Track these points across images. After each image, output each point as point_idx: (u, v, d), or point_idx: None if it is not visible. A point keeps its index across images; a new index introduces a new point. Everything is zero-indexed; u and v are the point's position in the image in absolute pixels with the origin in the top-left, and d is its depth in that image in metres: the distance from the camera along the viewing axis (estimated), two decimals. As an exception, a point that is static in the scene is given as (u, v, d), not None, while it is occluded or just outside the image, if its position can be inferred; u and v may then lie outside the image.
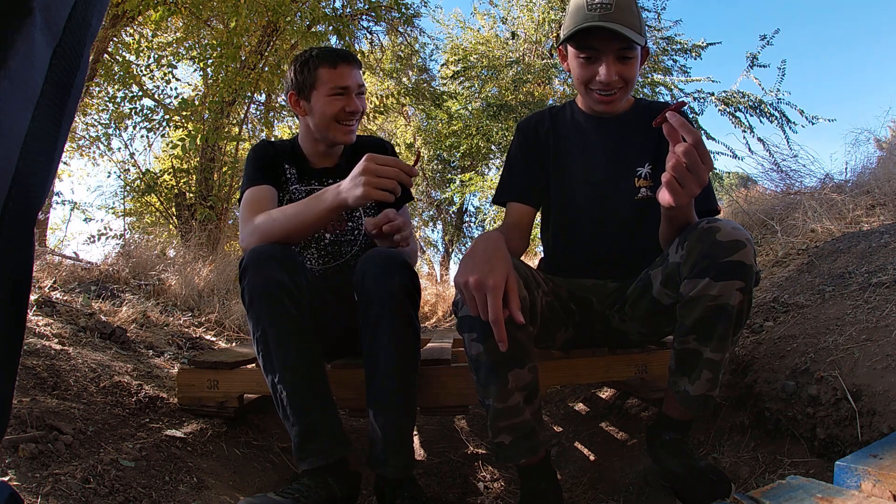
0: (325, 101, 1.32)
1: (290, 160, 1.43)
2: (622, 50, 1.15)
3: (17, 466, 0.93)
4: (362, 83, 1.37)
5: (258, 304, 1.08)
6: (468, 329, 0.98)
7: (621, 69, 1.16)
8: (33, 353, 1.47)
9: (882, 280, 1.36)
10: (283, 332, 1.09)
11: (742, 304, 0.95)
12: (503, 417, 1.01)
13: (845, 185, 2.94)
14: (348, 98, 1.32)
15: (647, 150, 1.24)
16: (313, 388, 1.12)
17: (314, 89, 1.33)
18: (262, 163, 1.37)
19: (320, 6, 5.34)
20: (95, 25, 0.54)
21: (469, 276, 0.88)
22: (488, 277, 0.87)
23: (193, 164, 5.40)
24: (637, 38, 1.13)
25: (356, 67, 1.36)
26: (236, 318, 2.99)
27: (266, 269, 1.08)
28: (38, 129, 0.49)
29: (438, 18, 8.89)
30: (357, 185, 1.04)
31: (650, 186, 1.23)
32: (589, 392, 2.04)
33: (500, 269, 0.88)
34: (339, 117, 1.33)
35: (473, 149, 7.86)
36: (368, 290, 1.15)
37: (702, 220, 1.00)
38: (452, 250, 10.81)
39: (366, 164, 1.04)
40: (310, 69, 1.33)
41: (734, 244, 0.93)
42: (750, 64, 6.25)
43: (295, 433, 1.10)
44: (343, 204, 1.08)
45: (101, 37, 5.28)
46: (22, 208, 0.49)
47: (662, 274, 1.06)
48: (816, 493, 0.79)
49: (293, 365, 1.09)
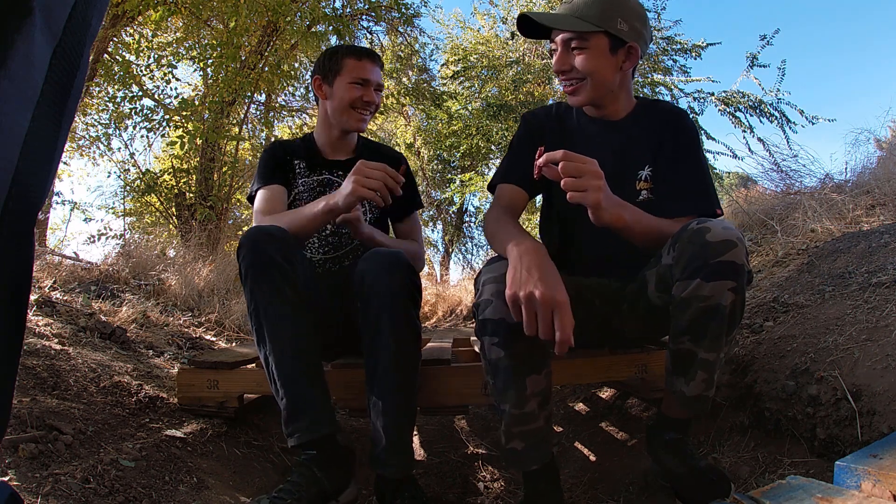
0: (346, 88, 1.42)
1: (300, 155, 1.51)
2: (570, 40, 1.15)
3: (17, 466, 0.93)
4: (381, 82, 1.48)
5: (252, 278, 1.11)
6: (491, 333, 0.97)
7: (575, 60, 1.16)
8: (33, 353, 1.47)
9: (882, 280, 1.36)
10: (274, 306, 1.11)
11: (734, 304, 0.94)
12: (518, 423, 1.01)
13: (845, 185, 2.94)
14: (366, 89, 1.43)
15: (648, 152, 1.24)
16: (302, 362, 1.13)
17: (338, 75, 1.43)
18: (273, 162, 1.47)
19: (320, 6, 5.33)
20: (95, 25, 0.54)
21: (532, 289, 0.86)
22: (556, 293, 0.86)
23: (193, 164, 5.40)
24: (573, 26, 1.13)
25: (378, 66, 1.47)
26: (236, 318, 2.99)
27: (260, 246, 1.11)
28: (38, 129, 0.49)
29: (438, 18, 8.89)
30: (347, 185, 1.15)
31: (650, 188, 1.23)
32: (589, 392, 2.04)
33: (562, 286, 0.87)
34: (356, 104, 1.44)
35: (473, 149, 7.86)
36: (369, 289, 1.15)
37: (692, 220, 1.00)
38: (452, 250, 10.81)
39: (356, 167, 1.15)
40: (337, 58, 1.44)
41: (725, 244, 0.92)
42: (750, 64, 6.24)
43: (283, 406, 1.12)
44: (335, 206, 1.18)
45: (101, 37, 5.28)
46: (22, 208, 0.49)
47: (656, 275, 1.06)
48: (816, 493, 0.79)
49: (283, 338, 1.11)
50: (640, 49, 1.18)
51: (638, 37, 1.17)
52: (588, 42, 1.14)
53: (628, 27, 1.15)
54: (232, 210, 5.61)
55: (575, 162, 0.94)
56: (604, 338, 1.29)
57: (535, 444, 1.02)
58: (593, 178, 0.94)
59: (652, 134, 1.24)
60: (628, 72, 1.21)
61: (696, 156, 1.20)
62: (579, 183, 0.93)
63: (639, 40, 1.18)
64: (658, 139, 1.23)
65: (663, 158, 1.22)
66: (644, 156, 1.24)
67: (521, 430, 1.01)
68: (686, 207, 1.16)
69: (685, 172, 1.19)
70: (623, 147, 1.24)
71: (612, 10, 1.14)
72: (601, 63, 1.16)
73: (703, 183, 1.18)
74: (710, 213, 1.17)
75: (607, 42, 1.15)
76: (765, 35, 6.14)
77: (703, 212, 1.16)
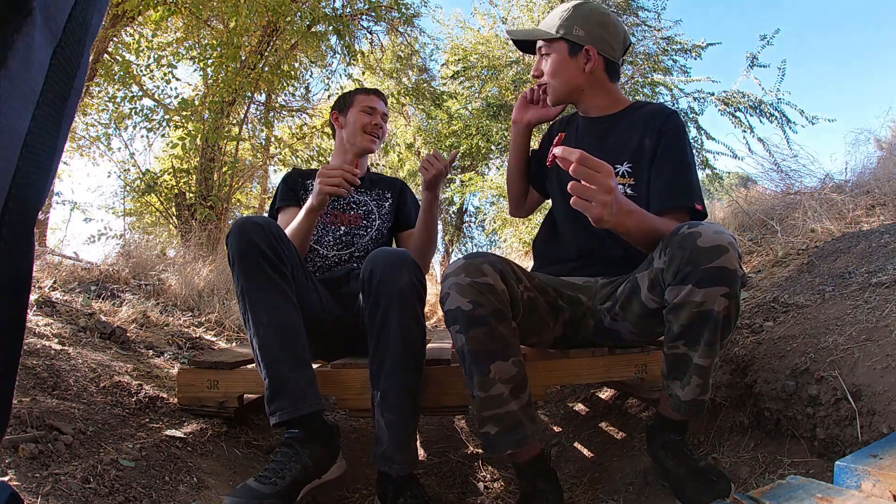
0: (358, 115, 1.69)
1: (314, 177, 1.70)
2: (541, 48, 1.34)
3: (17, 466, 0.93)
4: (387, 113, 1.76)
5: (238, 264, 1.18)
6: (452, 321, 1.02)
7: (543, 65, 1.33)
8: (33, 353, 1.47)
9: (882, 280, 1.36)
10: (257, 290, 1.17)
11: (728, 310, 0.94)
12: (487, 407, 1.04)
13: (845, 185, 2.94)
14: (374, 116, 1.70)
15: (628, 148, 1.27)
16: (285, 345, 1.17)
17: (351, 107, 1.71)
18: (288, 187, 1.69)
19: (320, 6, 5.33)
20: (95, 25, 0.54)
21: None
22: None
23: (193, 164, 5.40)
24: (534, 35, 1.33)
25: (383, 101, 1.75)
26: (236, 317, 2.99)
27: (247, 234, 1.18)
28: (38, 129, 0.49)
29: (438, 18, 8.87)
30: (315, 186, 1.36)
31: (630, 184, 1.24)
32: (589, 392, 2.04)
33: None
34: (366, 128, 1.68)
35: (473, 149, 7.85)
36: (377, 287, 1.17)
37: (683, 224, 0.99)
38: (452, 250, 10.81)
39: (319, 171, 1.37)
40: (350, 94, 1.75)
41: (716, 249, 0.92)
42: (750, 64, 6.23)
43: (266, 386, 1.16)
44: (312, 206, 1.39)
45: (101, 37, 5.28)
46: (22, 208, 0.49)
47: (648, 279, 1.06)
48: (816, 493, 0.79)
49: (266, 321, 1.16)
50: (596, 49, 1.28)
51: (595, 39, 1.28)
52: (551, 48, 1.31)
53: (584, 32, 1.28)
54: (232, 210, 5.60)
55: (588, 168, 0.93)
56: (598, 337, 1.28)
57: (507, 430, 1.04)
58: (601, 193, 0.93)
59: (633, 131, 1.28)
60: (601, 72, 1.31)
61: (678, 152, 1.21)
62: (587, 191, 0.94)
63: (596, 42, 1.28)
64: (639, 136, 1.26)
65: (644, 155, 1.24)
66: (623, 151, 1.27)
67: (491, 415, 1.04)
68: (666, 203, 1.17)
69: (667, 168, 1.20)
70: (602, 141, 1.30)
71: (570, 19, 1.28)
72: (561, 66, 1.31)
73: (685, 178, 1.19)
74: (690, 207, 1.17)
75: (565, 47, 1.29)
76: (765, 35, 6.12)
77: (683, 206, 1.17)
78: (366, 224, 1.67)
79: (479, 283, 1.01)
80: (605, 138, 1.31)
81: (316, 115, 7.29)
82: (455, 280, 1.02)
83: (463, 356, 1.04)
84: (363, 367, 1.31)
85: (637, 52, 6.78)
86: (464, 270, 1.02)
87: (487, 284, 1.01)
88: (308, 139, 6.53)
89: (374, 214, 1.69)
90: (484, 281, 1.01)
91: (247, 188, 8.20)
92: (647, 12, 7.06)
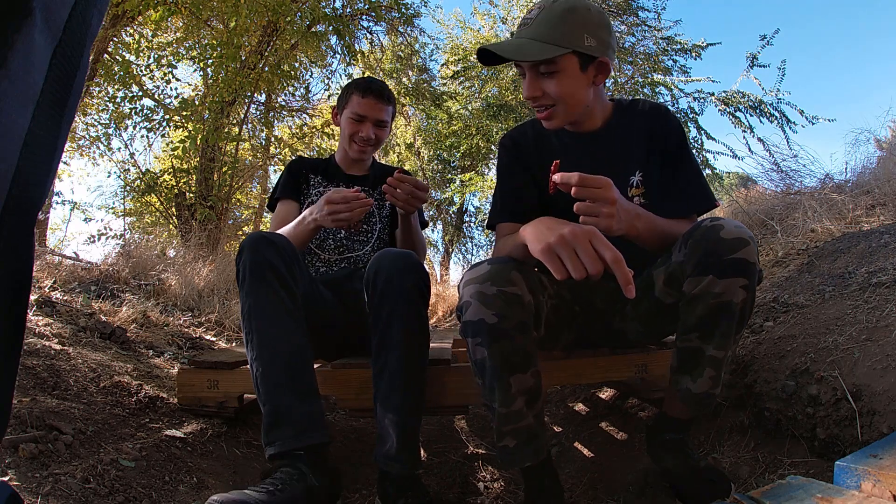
0: (347, 122, 1.55)
1: (319, 171, 1.66)
2: (537, 66, 1.07)
3: (17, 466, 0.93)
4: (384, 119, 1.55)
5: (248, 281, 1.11)
6: (472, 333, 0.97)
7: (545, 84, 1.08)
8: (33, 353, 1.47)
9: (882, 280, 1.36)
10: (266, 310, 1.10)
11: (745, 302, 0.95)
12: (507, 422, 1.02)
13: (845, 185, 2.94)
14: (363, 126, 1.53)
15: (636, 158, 1.21)
16: (291, 371, 1.09)
17: (344, 109, 1.57)
18: (290, 178, 1.62)
19: (320, 6, 5.34)
20: (95, 25, 0.54)
21: (559, 232, 0.86)
22: (583, 227, 0.86)
23: (193, 164, 5.40)
24: (540, 54, 1.04)
25: (383, 103, 1.54)
26: (236, 318, 2.99)
27: (260, 250, 1.12)
28: (38, 129, 0.49)
29: (438, 18, 8.86)
30: (323, 214, 1.27)
31: (643, 193, 1.21)
32: (589, 392, 2.04)
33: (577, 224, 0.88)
34: (354, 138, 1.55)
35: (473, 149, 7.85)
36: (381, 288, 1.16)
37: (704, 219, 1.00)
38: (452, 250, 10.80)
39: (327, 197, 1.27)
40: (348, 91, 1.56)
41: (737, 241, 0.93)
42: (750, 64, 6.23)
43: (264, 414, 1.07)
44: (317, 224, 1.30)
45: (101, 37, 5.28)
46: (22, 208, 0.49)
47: (665, 273, 1.06)
48: (816, 493, 0.79)
49: (271, 344, 1.09)
50: (610, 60, 1.10)
51: (606, 48, 1.09)
52: (557, 65, 1.06)
53: (596, 41, 1.06)
54: (232, 210, 5.61)
55: (589, 187, 0.92)
56: (604, 338, 1.29)
57: (526, 441, 1.03)
58: (605, 206, 0.93)
59: (638, 138, 1.20)
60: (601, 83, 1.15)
61: (688, 155, 1.21)
62: (593, 209, 0.93)
63: (607, 52, 1.09)
64: (645, 142, 1.20)
65: (655, 161, 1.20)
66: (632, 162, 1.21)
67: (511, 429, 1.02)
68: (687, 207, 1.16)
69: (682, 173, 1.19)
70: (609, 157, 1.20)
71: (576, 27, 1.04)
72: (573, 84, 1.08)
73: (700, 182, 1.18)
74: (711, 209, 1.17)
75: (577, 61, 1.07)
76: (765, 35, 6.13)
77: (704, 210, 1.16)
78: (366, 229, 1.63)
79: (507, 294, 0.95)
80: (609, 150, 1.21)
81: (316, 115, 7.29)
82: (479, 288, 0.95)
83: (483, 369, 0.99)
84: (363, 367, 1.31)
85: (637, 52, 6.79)
86: (489, 278, 0.95)
87: (515, 295, 0.95)
88: (308, 139, 6.54)
89: (375, 217, 1.65)
90: (512, 291, 0.95)
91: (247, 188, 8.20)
92: (646, 12, 7.06)
